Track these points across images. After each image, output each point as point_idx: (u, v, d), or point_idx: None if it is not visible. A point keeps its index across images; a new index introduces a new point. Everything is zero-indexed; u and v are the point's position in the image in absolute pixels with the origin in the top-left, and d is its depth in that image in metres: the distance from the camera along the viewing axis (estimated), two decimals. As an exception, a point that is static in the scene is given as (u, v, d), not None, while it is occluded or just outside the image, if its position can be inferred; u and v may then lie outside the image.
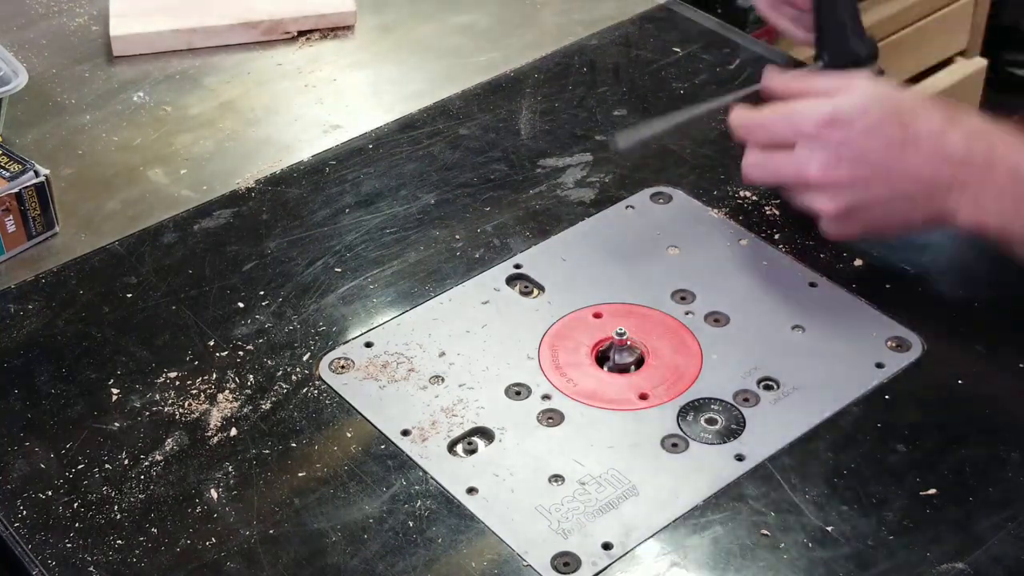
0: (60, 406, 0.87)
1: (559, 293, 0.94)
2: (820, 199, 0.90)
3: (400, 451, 0.83)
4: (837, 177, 0.89)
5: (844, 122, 0.89)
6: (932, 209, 0.88)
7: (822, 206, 0.90)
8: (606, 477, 0.81)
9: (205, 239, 1.00)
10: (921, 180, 0.88)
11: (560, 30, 1.24)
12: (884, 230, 0.92)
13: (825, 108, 0.90)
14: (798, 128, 0.91)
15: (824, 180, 0.89)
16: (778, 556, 0.77)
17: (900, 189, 0.89)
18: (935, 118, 0.89)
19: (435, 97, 1.15)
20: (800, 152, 0.90)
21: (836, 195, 0.89)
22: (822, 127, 0.89)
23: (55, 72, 1.20)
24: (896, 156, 0.88)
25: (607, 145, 1.08)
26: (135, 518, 0.80)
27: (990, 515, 0.79)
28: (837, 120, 0.89)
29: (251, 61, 1.22)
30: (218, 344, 0.91)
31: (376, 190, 1.04)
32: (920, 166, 0.88)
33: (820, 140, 0.89)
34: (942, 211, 0.88)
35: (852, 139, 0.89)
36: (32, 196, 0.99)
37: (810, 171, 0.90)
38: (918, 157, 0.88)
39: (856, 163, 0.89)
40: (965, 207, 0.87)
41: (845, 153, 0.89)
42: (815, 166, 0.89)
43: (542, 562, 0.77)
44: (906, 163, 0.88)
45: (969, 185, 0.87)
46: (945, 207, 0.88)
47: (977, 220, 0.87)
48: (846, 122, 0.89)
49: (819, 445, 0.83)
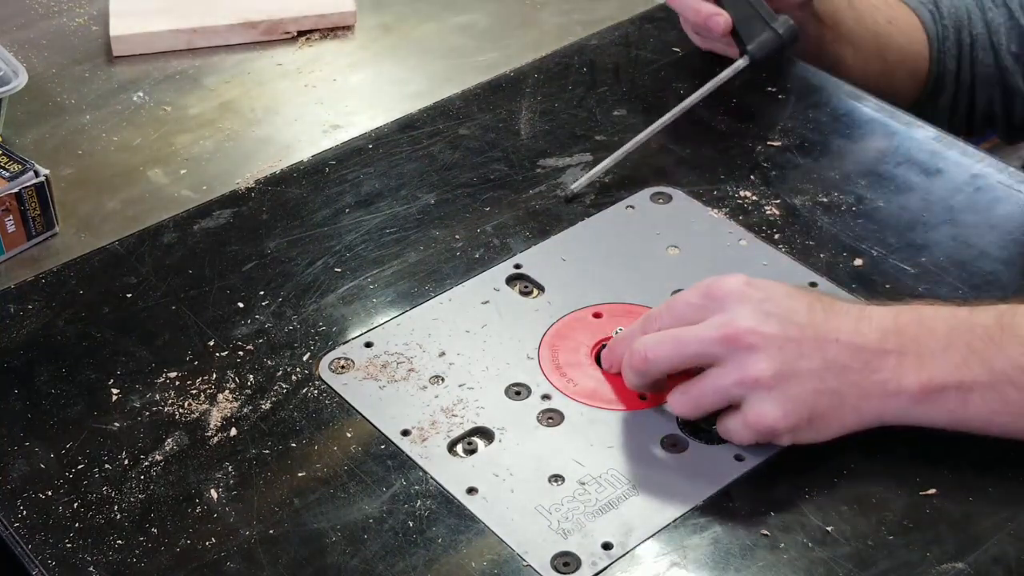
0: (60, 406, 0.87)
1: (559, 293, 0.94)
2: (751, 361, 0.79)
3: (400, 451, 0.83)
4: (769, 333, 0.79)
5: (760, 285, 0.82)
6: (871, 382, 0.79)
7: (755, 370, 0.78)
8: (606, 477, 0.81)
9: (205, 239, 1.00)
10: (853, 347, 0.79)
11: (560, 30, 1.24)
12: (819, 419, 0.80)
13: (734, 277, 0.82)
14: (712, 293, 0.82)
15: (756, 337, 0.79)
16: (778, 556, 0.77)
17: (832, 357, 0.79)
18: (841, 298, 0.84)
19: (435, 97, 1.15)
20: (716, 317, 0.81)
21: (770, 354, 0.79)
22: (741, 286, 0.81)
23: (55, 72, 1.20)
24: (821, 319, 0.80)
25: (607, 145, 1.08)
26: (135, 518, 0.80)
27: (990, 515, 0.79)
28: (753, 283, 0.82)
29: (251, 61, 1.22)
30: (218, 344, 0.91)
31: (376, 190, 1.04)
32: (850, 332, 0.80)
33: (740, 299, 0.81)
34: (884, 383, 0.79)
35: (774, 297, 0.81)
36: (32, 196, 0.99)
37: (737, 325, 0.79)
38: (846, 321, 0.80)
39: (785, 322, 0.80)
40: (909, 371, 0.79)
41: (771, 309, 0.80)
42: (743, 321, 0.79)
43: (542, 562, 0.77)
44: (834, 326, 0.80)
45: (907, 349, 0.79)
46: (887, 377, 0.79)
47: (927, 379, 0.79)
48: (763, 286, 0.82)
49: (819, 445, 0.83)
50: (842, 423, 0.80)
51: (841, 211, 1.01)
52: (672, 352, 0.82)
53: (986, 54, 1.22)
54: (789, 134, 1.08)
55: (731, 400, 0.81)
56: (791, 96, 1.13)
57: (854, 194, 1.02)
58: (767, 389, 0.79)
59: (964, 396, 0.79)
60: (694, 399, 0.82)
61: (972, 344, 0.79)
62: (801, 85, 1.14)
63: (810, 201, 1.02)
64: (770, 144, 1.07)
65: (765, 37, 1.08)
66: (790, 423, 0.79)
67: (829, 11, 1.17)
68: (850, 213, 1.01)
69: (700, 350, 0.81)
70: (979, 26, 1.22)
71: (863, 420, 0.80)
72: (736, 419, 0.81)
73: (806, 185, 1.03)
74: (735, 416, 0.81)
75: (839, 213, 1.01)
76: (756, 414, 0.79)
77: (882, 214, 1.01)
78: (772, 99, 1.12)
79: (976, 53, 1.23)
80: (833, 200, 1.02)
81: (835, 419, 0.80)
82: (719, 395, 0.81)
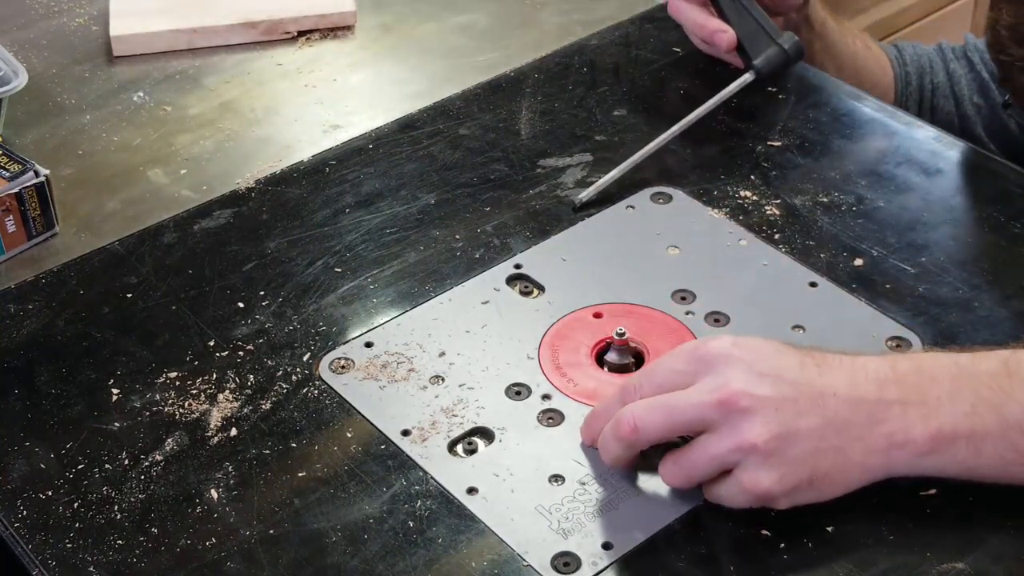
0: (60, 406, 0.87)
1: (559, 293, 0.94)
2: (746, 425, 0.75)
3: (400, 451, 0.83)
4: (763, 395, 0.75)
5: (747, 344, 0.78)
6: (877, 435, 0.76)
7: (751, 435, 0.75)
8: (606, 477, 0.81)
9: (205, 239, 1.00)
10: (852, 400, 0.76)
11: (560, 30, 1.24)
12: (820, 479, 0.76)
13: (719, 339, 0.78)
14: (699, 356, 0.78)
15: (750, 399, 0.75)
16: (778, 556, 0.77)
17: (832, 413, 0.76)
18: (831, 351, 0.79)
19: (435, 97, 1.15)
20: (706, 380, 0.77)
21: (766, 416, 0.75)
22: (728, 347, 0.77)
23: (55, 72, 1.20)
24: (815, 374, 0.77)
25: (607, 145, 1.08)
26: (135, 518, 0.80)
27: (990, 515, 0.79)
28: (740, 343, 0.78)
29: (251, 61, 1.22)
30: (218, 344, 0.91)
31: (376, 190, 1.04)
32: (847, 385, 0.77)
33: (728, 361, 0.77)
34: (890, 435, 0.76)
35: (763, 356, 0.77)
36: (32, 196, 0.99)
37: (730, 388, 0.75)
38: (841, 374, 0.77)
39: (779, 380, 0.76)
40: (916, 421, 0.76)
41: (763, 369, 0.76)
42: (735, 384, 0.76)
43: (542, 562, 0.77)
44: (829, 381, 0.77)
45: (911, 398, 0.77)
46: (893, 428, 0.76)
47: (936, 429, 0.76)
48: (749, 345, 0.78)
49: (819, 445, 0.83)
50: (846, 481, 0.77)
51: (841, 211, 1.01)
52: (663, 420, 0.77)
53: (947, 102, 1.25)
54: (789, 134, 1.08)
55: (726, 467, 0.77)
56: (791, 96, 1.13)
57: (854, 194, 1.02)
58: (763, 455, 0.75)
59: (976, 445, 0.76)
60: (687, 470, 0.78)
61: (979, 392, 0.76)
62: (801, 85, 1.14)
63: (810, 201, 1.02)
64: (770, 144, 1.07)
65: (771, 53, 1.09)
66: (787, 487, 0.76)
67: (819, 20, 1.19)
68: (850, 213, 1.01)
69: (694, 416, 0.77)
70: (941, 75, 1.25)
71: (869, 475, 0.77)
72: (731, 484, 0.77)
73: (806, 185, 1.03)
74: (729, 481, 0.77)
75: (839, 213, 1.01)
76: (751, 480, 0.76)
77: (882, 214, 1.01)
78: (772, 99, 1.12)
79: (937, 100, 1.25)
80: (833, 200, 1.02)
81: (839, 477, 0.77)
82: (714, 463, 0.77)
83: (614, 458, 0.80)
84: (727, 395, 0.76)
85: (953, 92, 1.25)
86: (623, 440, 0.79)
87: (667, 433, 0.78)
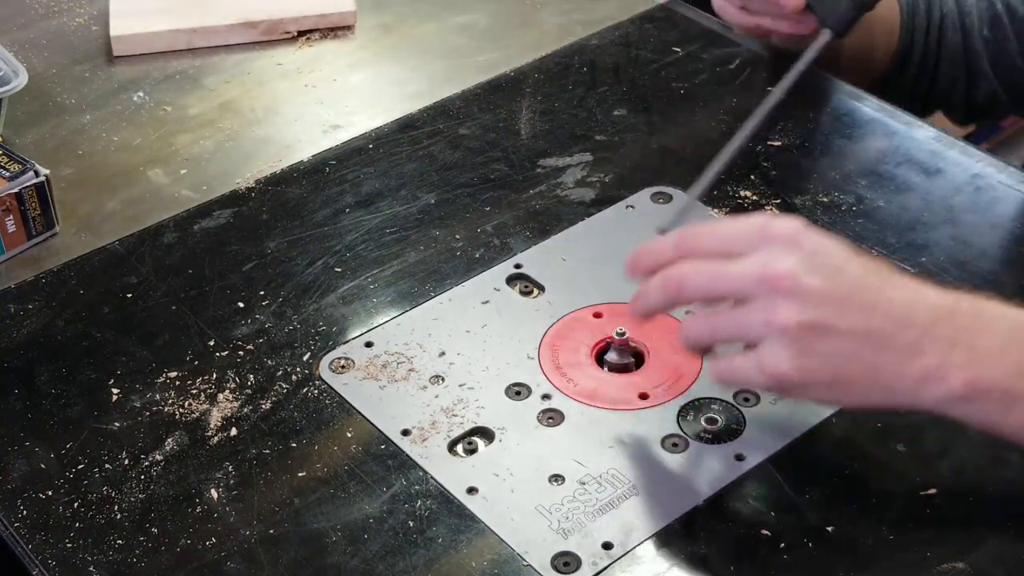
0: (60, 406, 0.87)
1: (559, 293, 0.94)
2: (782, 306, 0.74)
3: (400, 451, 0.83)
4: (809, 284, 0.74)
5: (816, 237, 0.76)
6: (914, 365, 0.74)
7: (782, 315, 0.74)
8: (606, 477, 0.81)
9: (205, 239, 1.00)
10: (901, 322, 0.75)
11: (560, 30, 1.24)
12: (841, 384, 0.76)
13: (791, 221, 0.77)
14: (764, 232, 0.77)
15: (793, 284, 0.74)
16: (778, 556, 0.77)
17: (878, 325, 0.74)
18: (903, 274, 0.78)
19: (435, 97, 1.15)
20: (760, 255, 0.76)
21: (805, 305, 0.74)
22: (794, 232, 0.76)
23: (55, 72, 1.20)
24: (876, 285, 0.76)
25: (607, 145, 1.08)
26: (135, 518, 0.80)
27: (990, 515, 0.79)
28: (809, 232, 0.76)
29: (251, 61, 1.22)
30: (218, 344, 0.91)
31: (376, 190, 1.04)
32: (903, 303, 0.75)
33: (789, 244, 0.76)
34: (926, 369, 0.74)
35: (827, 252, 0.76)
36: (32, 196, 0.99)
37: (776, 267, 0.75)
38: (902, 292, 0.76)
39: (833, 276, 0.75)
40: (957, 363, 0.74)
41: (820, 262, 0.75)
42: (784, 264, 0.74)
43: (542, 562, 0.77)
44: (887, 295, 0.75)
45: (960, 341, 0.75)
46: (930, 364, 0.74)
47: (974, 377, 0.74)
48: (818, 238, 0.76)
49: (819, 445, 0.83)
50: (868, 397, 0.76)
51: (841, 211, 1.01)
52: (707, 283, 0.77)
53: (955, 33, 1.18)
54: (789, 134, 1.08)
55: (750, 339, 0.76)
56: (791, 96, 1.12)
57: (854, 194, 1.02)
58: (791, 339, 0.74)
59: (1007, 405, 0.75)
60: (711, 326, 0.78)
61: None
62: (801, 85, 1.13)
63: (810, 201, 1.02)
64: (770, 144, 1.07)
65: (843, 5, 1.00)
66: (805, 378, 0.75)
67: None
68: (850, 213, 1.01)
69: (736, 286, 0.76)
70: (950, 3, 1.19)
71: (893, 400, 0.76)
72: (749, 358, 0.76)
73: (806, 185, 1.03)
74: (749, 355, 0.76)
75: (839, 213, 1.01)
76: (771, 359, 0.75)
77: (882, 214, 1.01)
78: (772, 99, 1.12)
79: (945, 31, 1.18)
80: (833, 200, 1.02)
81: (860, 390, 0.75)
82: (739, 330, 0.76)
83: (648, 305, 0.80)
84: (772, 273, 0.75)
85: (963, 24, 1.18)
86: (665, 293, 0.78)
87: (708, 296, 0.78)
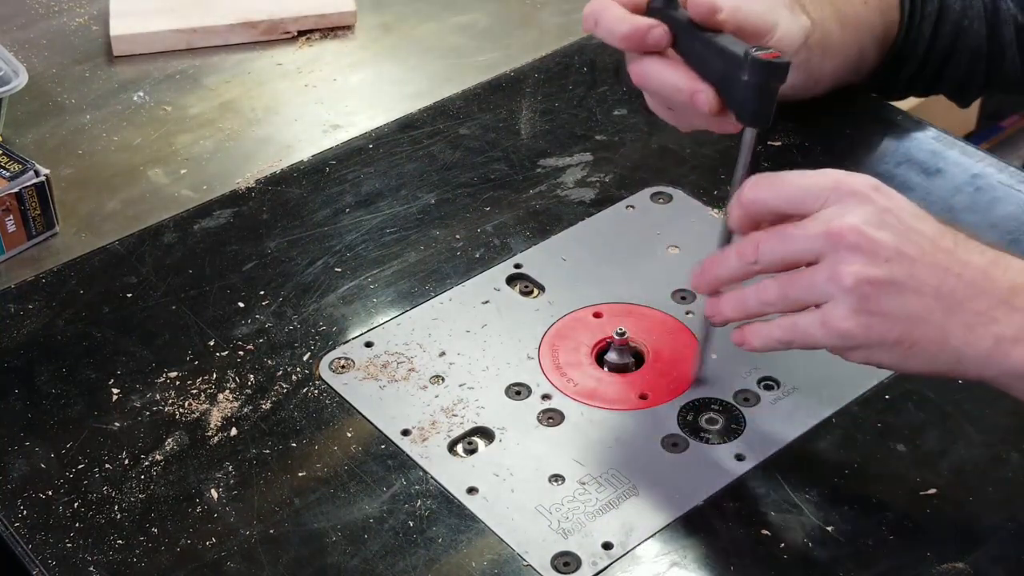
0: (60, 406, 0.87)
1: (559, 293, 0.94)
2: (847, 260, 0.72)
3: (400, 451, 0.83)
4: (877, 238, 0.72)
5: (890, 192, 0.74)
6: (988, 332, 0.72)
7: (848, 271, 0.72)
8: (606, 477, 0.81)
9: (205, 239, 1.00)
10: (977, 287, 0.72)
11: (560, 30, 1.24)
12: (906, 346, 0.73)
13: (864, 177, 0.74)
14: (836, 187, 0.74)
15: (859, 239, 0.72)
16: (778, 556, 0.77)
17: (950, 288, 0.72)
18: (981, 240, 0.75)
19: (435, 97, 1.15)
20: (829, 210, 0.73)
21: (873, 260, 0.71)
22: (867, 187, 0.74)
23: (55, 72, 1.20)
24: (950, 247, 0.73)
25: (607, 145, 1.08)
26: (135, 518, 0.80)
27: (990, 515, 0.79)
28: (884, 190, 0.74)
29: (251, 61, 1.22)
30: (218, 344, 0.91)
31: (376, 190, 1.04)
32: (980, 269, 0.73)
33: (861, 199, 0.73)
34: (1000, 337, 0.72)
35: (901, 208, 0.73)
36: (32, 196, 0.99)
37: (844, 221, 0.72)
38: (980, 258, 0.74)
39: (905, 232, 0.72)
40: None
41: (891, 219, 0.72)
42: (852, 218, 0.72)
43: (542, 562, 0.77)
44: (963, 258, 0.73)
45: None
46: (1005, 333, 0.72)
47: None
48: (892, 194, 0.74)
49: (819, 445, 0.83)
50: (933, 362, 0.73)
51: (841, 211, 1.01)
52: (779, 246, 0.74)
53: (980, 25, 1.09)
54: (789, 134, 1.08)
55: (818, 300, 0.73)
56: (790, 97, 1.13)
57: (854, 194, 1.02)
58: (856, 297, 0.71)
59: None
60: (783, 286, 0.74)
61: None
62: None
63: (810, 201, 1.01)
64: (770, 144, 1.07)
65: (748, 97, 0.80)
66: (870, 338, 0.72)
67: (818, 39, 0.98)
68: (850, 213, 1.00)
69: (806, 247, 0.73)
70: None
71: (959, 368, 0.74)
72: (813, 315, 0.74)
73: (806, 185, 1.03)
74: (813, 311, 0.74)
75: (839, 213, 1.00)
76: (835, 315, 0.72)
77: (882, 214, 1.00)
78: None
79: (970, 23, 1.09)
80: (833, 200, 1.02)
81: (926, 354, 0.73)
82: (807, 290, 0.74)
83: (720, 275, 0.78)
84: (838, 227, 0.72)
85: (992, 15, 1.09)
86: (743, 258, 0.76)
87: (782, 259, 0.75)
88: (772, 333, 0.76)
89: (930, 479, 0.81)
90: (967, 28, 1.09)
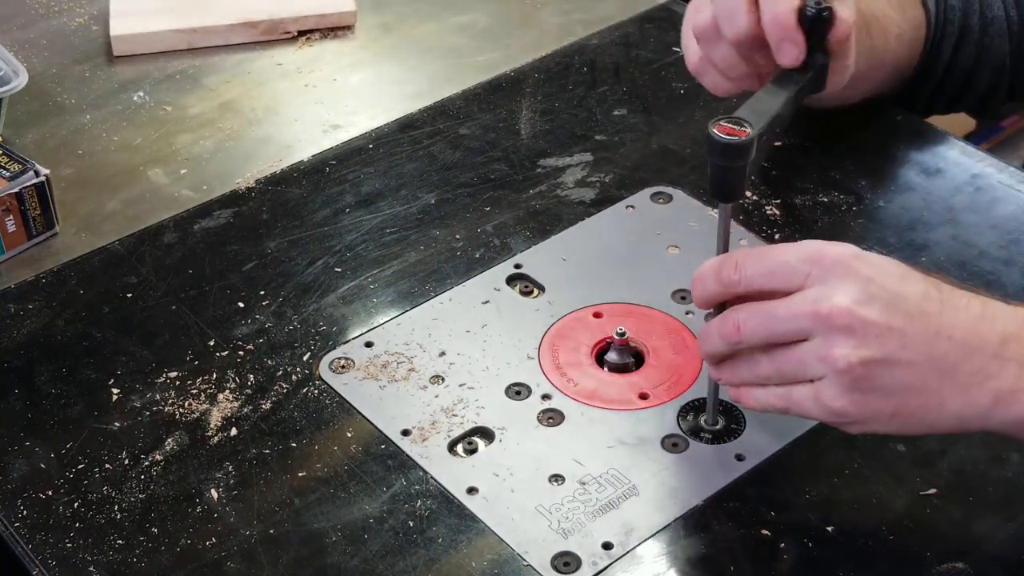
0: (60, 406, 0.87)
1: (559, 293, 0.94)
2: (839, 343, 0.71)
3: (400, 451, 0.83)
4: (866, 317, 0.71)
5: (870, 260, 0.73)
6: (985, 389, 0.72)
7: (839, 354, 0.71)
8: (606, 477, 0.81)
9: (205, 239, 1.00)
10: (968, 348, 0.72)
11: (560, 30, 1.24)
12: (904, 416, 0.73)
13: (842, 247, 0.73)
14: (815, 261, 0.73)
15: (851, 319, 0.71)
16: (778, 556, 0.77)
17: (941, 353, 0.72)
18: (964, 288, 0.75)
19: (435, 97, 1.15)
20: (813, 290, 0.72)
21: (863, 340, 0.71)
22: (847, 258, 0.73)
23: (55, 72, 1.20)
24: (935, 311, 0.72)
25: (607, 145, 1.08)
26: (135, 518, 0.80)
27: (990, 515, 0.79)
28: (864, 257, 0.73)
29: (251, 61, 1.22)
30: (218, 344, 0.91)
31: (376, 190, 1.04)
32: (967, 328, 0.72)
33: (843, 272, 0.72)
34: (998, 391, 0.72)
35: (883, 276, 0.72)
36: (32, 196, 0.99)
37: (831, 303, 0.71)
38: (963, 319, 0.73)
39: (890, 304, 0.72)
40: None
41: (875, 290, 0.72)
42: (840, 298, 0.71)
43: (542, 562, 0.77)
44: (949, 320, 0.72)
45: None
46: (1001, 387, 0.72)
47: None
48: (872, 262, 0.73)
49: (819, 445, 0.83)
50: (933, 425, 0.74)
51: (841, 211, 1.01)
52: (764, 328, 0.74)
53: (1003, 41, 1.08)
54: (789, 134, 1.08)
55: (810, 377, 0.73)
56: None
57: (854, 194, 1.02)
58: (850, 378, 0.71)
59: None
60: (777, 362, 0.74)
61: None
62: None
63: (810, 201, 1.02)
64: (770, 144, 1.07)
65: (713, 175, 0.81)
66: (864, 414, 0.73)
67: None
68: (850, 213, 1.01)
69: (793, 327, 0.73)
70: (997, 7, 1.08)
71: (963, 426, 0.74)
72: (807, 391, 0.74)
73: (806, 185, 1.03)
74: (807, 387, 0.74)
75: (839, 213, 1.01)
76: (829, 395, 0.72)
77: (882, 214, 1.01)
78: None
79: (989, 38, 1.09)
80: (833, 200, 1.02)
81: (925, 420, 0.73)
82: (799, 367, 0.73)
83: (712, 352, 0.78)
84: (827, 310, 0.71)
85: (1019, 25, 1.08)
86: (726, 341, 0.76)
87: (768, 340, 0.75)
88: (768, 399, 0.77)
89: (930, 479, 0.81)
90: (988, 45, 1.09)
